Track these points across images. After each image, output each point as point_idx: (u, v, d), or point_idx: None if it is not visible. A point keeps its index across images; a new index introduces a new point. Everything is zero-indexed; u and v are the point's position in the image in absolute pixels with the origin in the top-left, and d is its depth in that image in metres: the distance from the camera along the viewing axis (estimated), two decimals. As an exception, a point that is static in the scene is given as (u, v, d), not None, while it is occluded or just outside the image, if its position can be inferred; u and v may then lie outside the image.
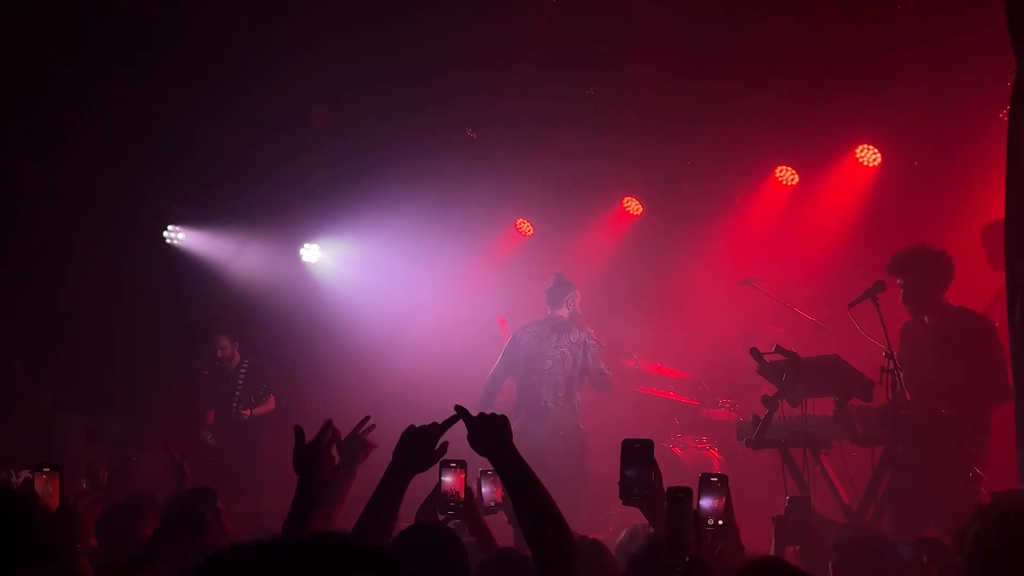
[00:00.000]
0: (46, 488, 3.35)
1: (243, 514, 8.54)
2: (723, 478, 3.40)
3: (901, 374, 5.48)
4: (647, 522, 3.42)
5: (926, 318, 6.32)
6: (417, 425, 3.34)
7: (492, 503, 4.23)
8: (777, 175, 9.56)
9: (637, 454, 3.23)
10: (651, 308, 10.39)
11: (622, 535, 4.28)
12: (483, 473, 4.22)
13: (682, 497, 2.97)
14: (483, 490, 4.22)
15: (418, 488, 3.50)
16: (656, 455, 3.34)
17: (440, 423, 3.31)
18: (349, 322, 10.88)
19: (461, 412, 3.13)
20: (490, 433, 3.05)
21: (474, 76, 9.22)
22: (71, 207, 10.37)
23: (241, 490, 9.17)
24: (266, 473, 9.72)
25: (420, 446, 3.29)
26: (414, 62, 8.98)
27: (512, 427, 3.12)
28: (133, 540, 4.47)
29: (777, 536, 4.28)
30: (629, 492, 3.23)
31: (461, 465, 3.87)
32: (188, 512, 4.04)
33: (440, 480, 3.89)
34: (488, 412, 3.12)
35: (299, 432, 3.22)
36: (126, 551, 4.43)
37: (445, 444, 3.32)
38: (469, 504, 3.91)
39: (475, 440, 3.07)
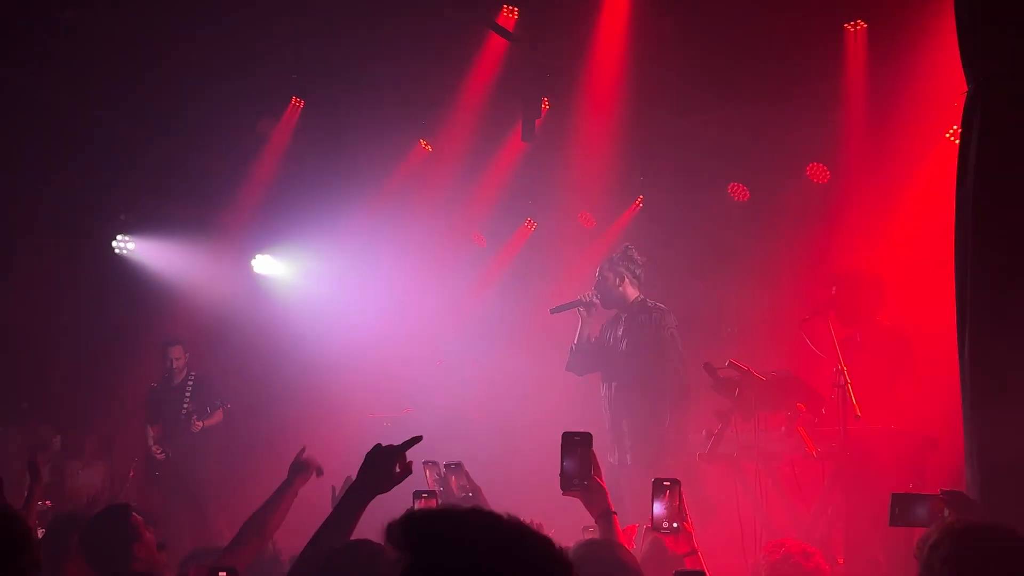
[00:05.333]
0: None
1: (188, 529, 8.41)
2: (675, 482, 3.49)
3: (852, 389, 5.54)
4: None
5: (858, 335, 6.44)
6: (383, 444, 3.32)
7: (467, 493, 4.36)
8: (728, 192, 9.64)
9: (576, 446, 3.36)
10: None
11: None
12: (447, 467, 4.29)
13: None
14: (454, 482, 4.29)
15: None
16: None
17: (401, 444, 3.30)
18: (300, 333, 10.79)
19: None
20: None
21: (428, 88, 9.25)
22: (16, 214, 10.17)
23: (188, 504, 9.03)
24: (212, 487, 9.57)
25: (384, 466, 3.27)
26: (368, 72, 8.99)
27: None
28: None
29: None
30: (569, 482, 3.36)
31: (432, 495, 3.87)
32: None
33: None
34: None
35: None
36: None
37: (409, 464, 3.30)
38: None
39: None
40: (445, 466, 4.41)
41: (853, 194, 9.01)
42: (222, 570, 3.09)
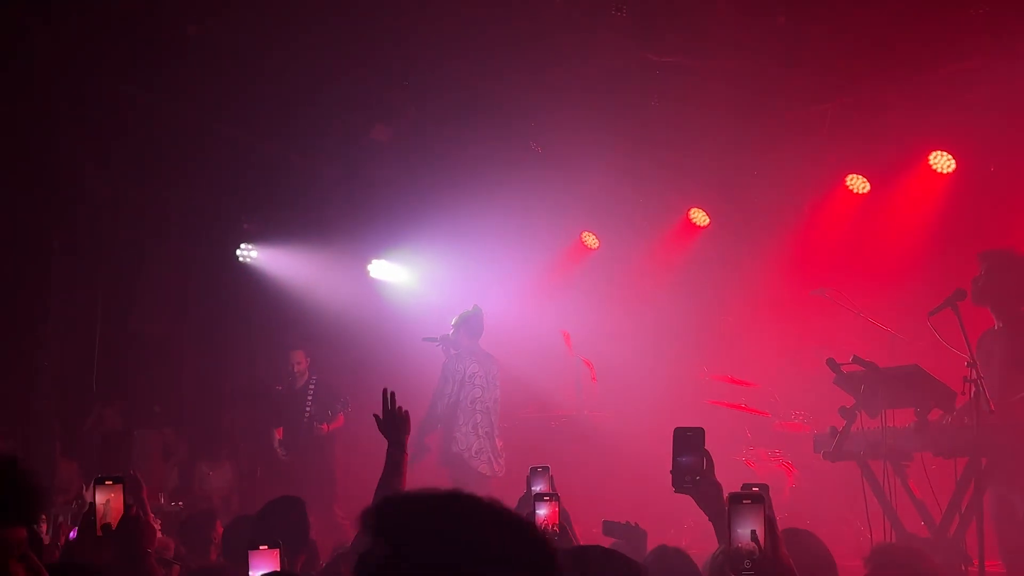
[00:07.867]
0: (107, 499, 3.38)
1: (318, 529, 8.59)
2: (764, 487, 3.32)
3: (984, 384, 5.32)
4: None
5: (997, 324, 6.20)
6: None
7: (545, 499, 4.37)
8: (848, 183, 9.39)
9: (689, 442, 3.21)
10: (720, 319, 10.28)
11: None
12: (533, 470, 4.39)
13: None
14: (533, 487, 4.35)
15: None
16: (727, 468, 3.30)
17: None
18: (415, 336, 10.91)
19: None
20: None
21: (538, 90, 9.25)
22: (145, 225, 10.57)
23: (315, 503, 9.25)
24: (337, 486, 9.78)
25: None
26: (478, 76, 9.05)
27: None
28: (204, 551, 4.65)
29: None
30: (681, 481, 3.21)
31: (555, 497, 3.86)
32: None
33: (534, 513, 3.86)
34: None
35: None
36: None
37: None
38: (563, 536, 3.86)
39: None
40: (531, 469, 4.41)
41: (981, 182, 8.69)
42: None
